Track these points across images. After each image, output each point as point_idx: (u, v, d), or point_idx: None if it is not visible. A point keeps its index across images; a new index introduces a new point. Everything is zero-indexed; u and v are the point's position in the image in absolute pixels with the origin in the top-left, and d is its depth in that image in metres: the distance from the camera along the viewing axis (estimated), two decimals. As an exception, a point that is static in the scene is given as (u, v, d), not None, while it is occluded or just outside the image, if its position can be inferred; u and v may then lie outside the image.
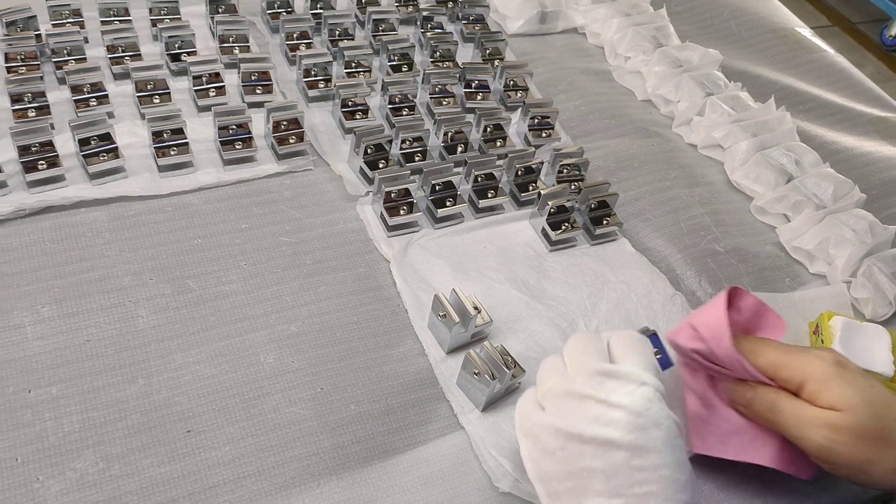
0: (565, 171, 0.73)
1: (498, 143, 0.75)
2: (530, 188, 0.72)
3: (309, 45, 0.80)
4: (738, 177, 0.80)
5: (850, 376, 0.48)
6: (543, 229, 0.68)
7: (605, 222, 0.70)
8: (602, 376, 0.46)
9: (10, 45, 0.70)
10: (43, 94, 0.67)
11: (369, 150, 0.69)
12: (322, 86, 0.76)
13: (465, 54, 0.88)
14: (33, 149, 0.62)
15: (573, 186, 0.73)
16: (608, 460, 0.43)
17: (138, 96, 0.70)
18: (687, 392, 0.54)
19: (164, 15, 0.79)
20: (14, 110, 0.66)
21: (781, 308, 0.68)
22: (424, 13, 0.87)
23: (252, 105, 0.73)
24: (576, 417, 0.45)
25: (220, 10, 0.81)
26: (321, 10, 0.84)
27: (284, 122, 0.70)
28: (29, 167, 0.61)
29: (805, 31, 1.08)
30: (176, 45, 0.75)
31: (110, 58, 0.73)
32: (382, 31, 0.84)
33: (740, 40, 1.02)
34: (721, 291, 0.51)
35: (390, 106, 0.75)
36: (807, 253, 0.73)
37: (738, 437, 0.52)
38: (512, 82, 0.82)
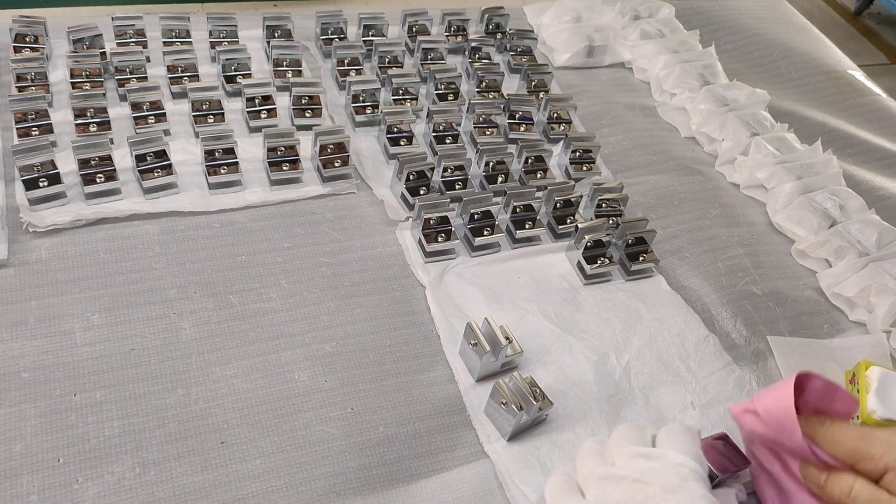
0: (604, 205, 0.73)
1: (538, 175, 0.76)
2: (568, 221, 0.72)
3: (359, 72, 0.83)
4: (781, 219, 0.79)
5: None
6: (579, 263, 0.69)
7: (641, 259, 0.70)
8: (640, 458, 0.48)
9: (76, 61, 0.74)
10: (104, 110, 0.70)
11: (411, 177, 0.71)
12: (369, 111, 0.78)
13: (511, 85, 0.89)
14: (93, 162, 0.65)
15: (611, 221, 0.73)
16: None
17: (194, 115, 0.73)
18: (760, 473, 0.53)
19: (223, 38, 0.82)
20: (77, 124, 0.69)
21: (818, 355, 0.67)
22: (473, 44, 0.89)
23: (301, 128, 0.75)
24: (615, 497, 0.46)
25: (276, 34, 0.84)
26: (373, 38, 0.87)
27: (331, 146, 0.72)
28: (88, 180, 0.64)
29: (857, 74, 1.06)
30: (232, 67, 0.78)
31: (170, 77, 0.77)
32: (431, 59, 0.86)
33: (790, 81, 1.02)
34: (790, 376, 0.48)
35: (434, 134, 0.77)
36: (847, 300, 0.72)
37: None
38: (556, 115, 0.83)
